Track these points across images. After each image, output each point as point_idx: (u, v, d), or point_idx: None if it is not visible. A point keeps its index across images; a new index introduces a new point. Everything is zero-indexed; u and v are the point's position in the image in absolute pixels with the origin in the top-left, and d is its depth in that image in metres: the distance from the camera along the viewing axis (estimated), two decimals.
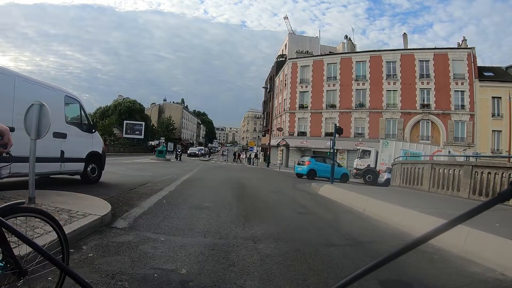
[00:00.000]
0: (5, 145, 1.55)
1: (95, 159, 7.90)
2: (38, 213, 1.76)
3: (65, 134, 6.75)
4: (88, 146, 7.70)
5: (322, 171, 17.68)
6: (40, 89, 6.37)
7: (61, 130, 6.63)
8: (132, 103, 57.87)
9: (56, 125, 6.29)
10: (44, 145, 5.62)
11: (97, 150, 7.98)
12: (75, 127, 7.26)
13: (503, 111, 26.72)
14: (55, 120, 5.73)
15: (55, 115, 5.97)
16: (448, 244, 3.86)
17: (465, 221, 0.58)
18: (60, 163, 6.74)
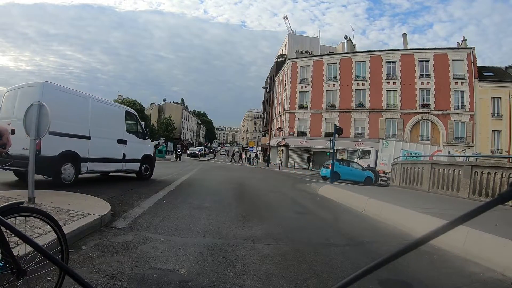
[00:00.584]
0: (4, 145, 1.55)
1: (147, 160, 9.71)
2: (37, 213, 1.76)
3: (126, 140, 8.61)
4: (143, 150, 9.47)
5: (345, 174, 17.79)
6: (107, 107, 8.37)
7: (123, 137, 8.51)
8: (132, 103, 57.85)
9: (119, 134, 8.38)
10: (111, 149, 7.99)
11: (149, 153, 9.83)
12: (133, 135, 9.04)
13: (503, 111, 26.73)
14: (118, 129, 8.35)
15: (119, 126, 8.44)
16: (448, 244, 3.86)
17: (465, 222, 0.57)
18: (122, 163, 8.57)
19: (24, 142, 5.68)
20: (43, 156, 6.17)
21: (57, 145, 6.57)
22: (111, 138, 8.13)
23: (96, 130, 7.48)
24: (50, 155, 6.41)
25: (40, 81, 6.81)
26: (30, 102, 5.64)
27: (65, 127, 6.69)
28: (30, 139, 4.29)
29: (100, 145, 7.58)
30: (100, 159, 7.70)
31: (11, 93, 7.20)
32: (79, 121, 7.13)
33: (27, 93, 6.69)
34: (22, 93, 6.91)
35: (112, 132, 8.20)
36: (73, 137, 6.95)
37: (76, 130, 7.02)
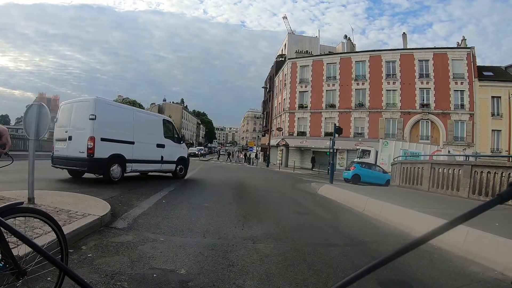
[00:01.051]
0: (4, 145, 1.55)
1: (182, 162, 11.04)
2: (37, 214, 1.76)
3: (164, 144, 9.95)
4: (178, 153, 10.78)
5: (366, 176, 17.86)
6: (148, 116, 10.13)
7: (161, 142, 9.84)
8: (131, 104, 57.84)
9: (158, 139, 9.76)
10: (151, 152, 9.37)
11: (184, 156, 11.14)
12: (170, 140, 10.38)
13: (503, 111, 26.74)
14: (157, 135, 9.73)
15: (158, 132, 9.80)
16: (448, 244, 3.86)
17: (464, 221, 0.57)
18: (160, 164, 9.90)
19: (80, 147, 7.64)
20: (96, 158, 7.56)
21: (107, 149, 7.84)
22: (151, 143, 9.44)
23: (139, 136, 8.86)
24: (102, 157, 7.70)
25: (93, 97, 8.00)
26: (84, 114, 7.69)
27: (113, 134, 8.08)
28: (29, 140, 4.28)
29: (142, 149, 8.95)
30: (142, 160, 9.04)
31: (67, 106, 8.41)
32: (125, 129, 8.49)
33: (82, 107, 7.99)
34: (77, 106, 8.16)
35: (152, 137, 9.51)
36: (120, 143, 8.26)
37: (122, 137, 8.35)
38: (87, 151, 7.52)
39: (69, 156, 7.84)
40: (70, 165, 7.95)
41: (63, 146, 8.09)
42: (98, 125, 7.63)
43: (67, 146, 7.96)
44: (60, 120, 8.36)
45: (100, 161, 7.65)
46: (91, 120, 7.56)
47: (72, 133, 7.82)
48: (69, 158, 7.83)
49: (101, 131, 7.72)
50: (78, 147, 7.62)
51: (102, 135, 7.72)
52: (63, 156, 8.02)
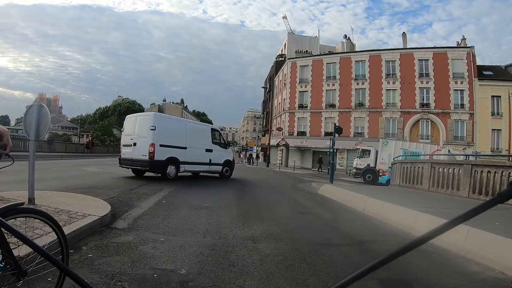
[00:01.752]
0: (5, 146, 1.55)
1: (228, 164, 12.77)
2: (37, 214, 1.76)
3: (212, 149, 11.72)
4: (224, 156, 12.53)
5: None
6: (198, 126, 12.35)
7: (209, 147, 11.64)
8: (131, 104, 57.94)
9: (207, 145, 11.57)
10: (201, 155, 11.22)
11: (229, 159, 12.86)
12: (217, 145, 12.13)
13: (503, 110, 26.73)
14: (206, 142, 11.54)
15: (206, 139, 11.61)
16: (448, 243, 3.86)
17: (464, 221, 0.58)
18: (209, 166, 11.76)
19: (142, 151, 9.44)
20: (156, 160, 9.37)
21: (164, 153, 9.64)
22: (201, 148, 11.24)
23: (190, 142, 10.66)
24: (160, 159, 9.51)
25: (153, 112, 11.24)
26: (146, 126, 9.57)
27: (169, 141, 9.90)
28: (29, 140, 4.28)
29: (193, 153, 10.76)
30: (193, 162, 10.93)
31: (132, 118, 10.59)
32: (179, 137, 10.32)
33: (144, 119, 10.08)
34: (140, 119, 10.29)
35: (201, 143, 11.31)
36: (174, 148, 10.04)
37: (176, 143, 10.15)
38: (149, 154, 9.33)
39: (134, 159, 9.75)
40: (135, 165, 9.91)
41: (129, 150, 9.98)
42: (157, 134, 9.49)
43: (132, 151, 9.83)
44: (126, 130, 10.41)
45: (159, 163, 9.51)
46: (152, 130, 9.47)
47: (136, 140, 9.79)
48: (134, 160, 9.75)
49: (160, 138, 9.58)
50: (141, 151, 9.48)
51: (160, 142, 9.58)
52: (129, 158, 9.93)
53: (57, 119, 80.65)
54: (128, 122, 10.56)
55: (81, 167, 12.92)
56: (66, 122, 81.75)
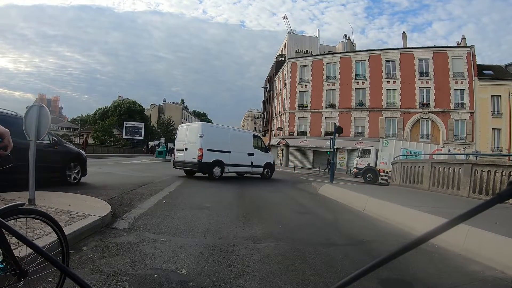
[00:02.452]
0: (6, 147, 1.55)
1: (269, 166, 14.31)
2: (38, 215, 1.76)
3: (253, 153, 13.35)
4: (265, 159, 14.10)
5: None
6: (240, 133, 14.01)
7: (251, 151, 13.25)
8: (132, 104, 57.79)
9: (249, 149, 13.17)
10: (243, 159, 12.74)
11: (270, 162, 14.42)
12: (258, 149, 13.74)
13: (503, 109, 26.71)
14: (248, 146, 13.14)
15: (248, 144, 13.27)
16: (448, 243, 3.86)
17: (464, 221, 0.58)
18: (251, 167, 13.41)
19: (193, 155, 11.29)
20: (203, 162, 11.19)
21: (211, 156, 11.42)
22: (243, 152, 12.80)
23: (234, 147, 12.28)
24: (207, 162, 11.30)
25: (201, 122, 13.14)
26: (195, 133, 11.45)
27: (215, 146, 11.59)
28: (30, 141, 4.28)
29: (236, 156, 12.36)
30: (236, 165, 12.60)
31: (183, 127, 12.82)
32: (223, 143, 11.99)
33: (193, 128, 12.06)
34: (190, 128, 12.34)
35: (244, 148, 12.87)
36: (220, 152, 11.73)
37: (221, 148, 11.80)
38: (198, 157, 11.16)
39: (185, 161, 11.64)
40: (186, 167, 11.80)
41: (181, 154, 11.85)
42: (204, 141, 11.31)
43: (184, 154, 11.70)
44: (179, 137, 12.50)
45: (206, 164, 11.32)
46: (200, 137, 11.31)
47: (187, 145, 11.65)
48: (186, 162, 11.66)
49: (207, 144, 11.34)
50: (192, 155, 11.34)
51: (207, 147, 11.33)
52: (181, 161, 11.82)
53: (57, 119, 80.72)
54: (180, 130, 12.77)
55: None
56: (66, 123, 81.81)
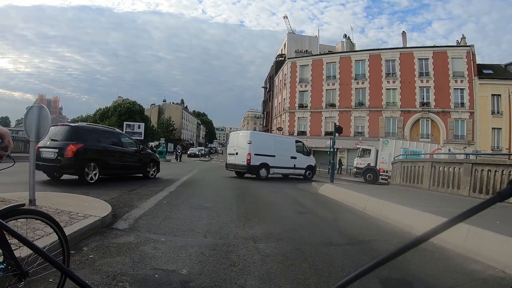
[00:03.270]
0: (6, 148, 1.56)
1: (310, 168, 15.81)
2: (38, 215, 1.76)
3: (296, 157, 14.81)
4: (307, 162, 15.61)
5: None
6: (284, 139, 16.30)
7: (293, 155, 14.76)
8: (131, 104, 57.75)
9: (291, 153, 14.73)
10: (287, 162, 14.32)
11: (311, 164, 15.89)
12: (300, 153, 15.26)
13: (503, 109, 26.72)
14: (291, 151, 14.72)
15: (291, 149, 14.79)
16: (449, 242, 3.86)
17: (464, 219, 0.58)
18: (293, 169, 14.89)
19: (242, 158, 13.30)
20: (251, 165, 13.17)
21: (258, 160, 13.32)
22: (286, 156, 14.40)
23: (278, 152, 14.07)
24: (255, 164, 13.26)
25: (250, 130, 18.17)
26: (244, 140, 13.57)
27: (261, 151, 13.47)
28: (30, 141, 4.28)
29: (280, 159, 14.07)
30: (280, 167, 14.30)
31: (234, 135, 15.29)
32: (269, 148, 13.85)
33: (243, 135, 14.19)
34: (240, 135, 14.60)
35: (287, 152, 14.50)
36: (265, 156, 13.60)
37: (267, 152, 13.68)
38: (246, 161, 13.15)
39: (236, 164, 13.79)
40: (237, 169, 13.96)
41: (233, 158, 14.01)
42: (252, 146, 13.24)
43: (235, 158, 13.85)
44: (231, 143, 14.82)
45: (254, 167, 13.29)
46: (249, 144, 13.29)
47: (238, 150, 13.73)
48: (236, 165, 13.82)
49: (254, 149, 13.24)
50: (242, 158, 13.40)
51: (255, 152, 13.25)
52: (232, 164, 14.04)
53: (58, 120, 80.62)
54: (231, 137, 15.20)
55: None
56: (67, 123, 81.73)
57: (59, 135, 7.80)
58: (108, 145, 8.53)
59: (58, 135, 7.78)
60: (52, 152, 7.46)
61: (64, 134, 7.80)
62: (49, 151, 7.51)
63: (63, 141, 7.56)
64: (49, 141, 7.45)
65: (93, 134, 8.38)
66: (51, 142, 7.53)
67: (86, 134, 8.14)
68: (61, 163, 7.31)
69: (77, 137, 7.76)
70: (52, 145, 7.50)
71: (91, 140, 8.07)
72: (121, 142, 9.10)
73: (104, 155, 8.27)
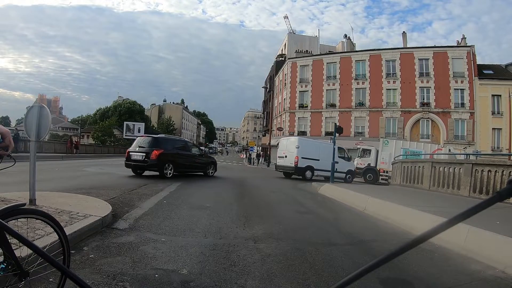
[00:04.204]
0: (7, 147, 1.56)
1: (350, 172, 17.09)
2: (39, 215, 1.76)
3: (337, 162, 14.86)
4: (347, 167, 16.87)
5: None
6: (327, 145, 16.23)
7: (336, 160, 14.47)
8: (132, 104, 57.80)
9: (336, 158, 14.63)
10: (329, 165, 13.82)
11: (351, 168, 17.36)
12: (342, 158, 16.30)
13: (503, 109, 26.71)
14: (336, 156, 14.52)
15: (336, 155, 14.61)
16: (449, 242, 3.86)
17: (464, 219, 0.58)
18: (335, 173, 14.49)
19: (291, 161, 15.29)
20: (298, 167, 15.04)
21: (304, 162, 15.21)
22: (329, 160, 14.38)
23: (322, 156, 15.45)
24: (301, 166, 15.12)
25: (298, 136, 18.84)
26: (293, 145, 15.67)
27: (308, 155, 15.31)
28: (30, 141, 4.29)
29: (324, 163, 15.10)
30: (323, 170, 15.37)
31: (284, 140, 17.11)
32: (314, 152, 15.65)
33: (292, 141, 16.08)
34: (289, 140, 16.44)
35: (330, 157, 14.48)
36: (311, 159, 15.44)
37: (312, 156, 15.49)
38: (294, 163, 15.02)
39: (285, 165, 15.79)
40: (285, 170, 15.97)
41: (282, 160, 15.96)
42: (300, 150, 15.13)
43: (284, 161, 15.79)
44: (280, 147, 16.48)
45: (300, 169, 15.16)
46: (296, 148, 15.19)
47: (287, 154, 15.60)
48: (285, 167, 15.86)
49: (301, 153, 15.12)
50: (290, 161, 15.29)
51: (302, 155, 15.11)
52: (282, 165, 16.10)
53: (58, 120, 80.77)
54: (281, 142, 16.95)
55: (82, 167, 12.93)
56: (67, 123, 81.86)
57: (145, 143, 10.71)
58: (179, 151, 11.38)
59: (144, 143, 10.72)
60: (141, 155, 10.28)
61: (149, 142, 10.71)
62: (138, 155, 10.36)
63: (149, 148, 10.34)
64: (137, 148, 10.58)
65: (169, 142, 11.37)
66: (139, 148, 10.48)
67: (164, 143, 11.00)
68: (148, 163, 10.08)
69: (158, 144, 10.56)
70: (140, 151, 10.43)
71: (168, 147, 10.85)
72: (189, 148, 12.29)
73: (176, 158, 11.03)
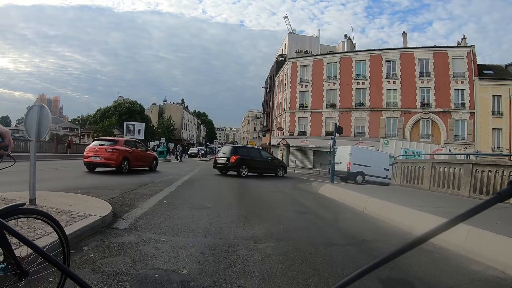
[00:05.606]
0: (6, 147, 1.56)
1: None
2: (39, 214, 1.76)
3: (388, 169, 16.07)
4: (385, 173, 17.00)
5: None
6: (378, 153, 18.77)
7: (386, 167, 16.46)
8: (132, 104, 57.82)
9: (384, 165, 16.89)
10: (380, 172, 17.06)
11: None
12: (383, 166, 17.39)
13: (503, 109, 26.67)
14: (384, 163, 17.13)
15: (385, 162, 17.02)
16: (449, 243, 3.86)
17: (464, 220, 0.58)
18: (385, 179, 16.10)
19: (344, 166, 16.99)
20: (350, 171, 16.69)
21: (356, 168, 16.78)
22: (380, 167, 17.01)
23: (373, 163, 17.07)
24: (353, 171, 16.71)
25: (351, 145, 18.81)
26: (346, 153, 17.47)
27: (359, 162, 16.75)
28: (30, 141, 4.29)
29: (374, 170, 16.97)
30: (373, 175, 16.90)
31: (340, 147, 17.91)
32: (365, 159, 17.05)
33: (345, 149, 17.59)
34: (342, 149, 17.75)
35: (380, 164, 17.06)
36: (362, 166, 16.86)
37: (364, 163, 16.91)
38: (347, 169, 16.73)
39: (340, 170, 16.62)
40: (339, 175, 16.71)
41: (338, 165, 16.28)
42: (352, 157, 16.76)
43: (339, 166, 16.45)
44: (338, 154, 16.72)
45: (352, 173, 16.79)
46: (349, 155, 16.83)
47: (341, 160, 16.90)
48: (340, 172, 16.67)
49: (353, 160, 16.71)
50: (344, 166, 16.82)
51: (354, 162, 16.72)
52: (337, 170, 15.97)
53: (58, 119, 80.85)
54: (339, 150, 17.55)
55: (82, 167, 12.93)
56: (67, 123, 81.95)
57: (227, 151, 15.06)
58: (252, 156, 15.30)
59: (226, 151, 15.10)
60: (224, 159, 14.62)
61: (230, 150, 15.01)
62: (222, 159, 14.73)
63: (229, 154, 14.57)
64: (221, 154, 15.19)
65: (244, 149, 15.96)
66: (223, 155, 14.91)
67: (241, 150, 15.30)
68: (228, 165, 14.25)
69: (236, 152, 14.80)
70: (223, 156, 14.78)
71: (243, 153, 15.07)
72: (260, 154, 16.15)
73: (250, 162, 14.84)
